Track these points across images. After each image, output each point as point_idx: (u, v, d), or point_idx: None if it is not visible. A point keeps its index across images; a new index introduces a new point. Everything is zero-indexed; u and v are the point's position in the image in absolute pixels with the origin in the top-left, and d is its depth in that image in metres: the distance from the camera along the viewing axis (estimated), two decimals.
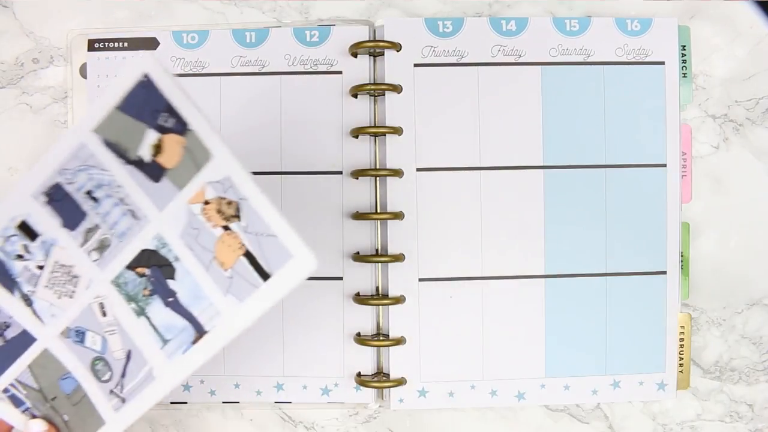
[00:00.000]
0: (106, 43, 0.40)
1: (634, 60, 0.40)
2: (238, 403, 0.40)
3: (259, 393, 0.40)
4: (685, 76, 0.41)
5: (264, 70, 0.40)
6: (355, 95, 0.39)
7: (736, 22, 0.41)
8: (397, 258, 0.39)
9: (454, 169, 0.39)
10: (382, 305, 0.39)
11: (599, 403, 0.41)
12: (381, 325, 0.40)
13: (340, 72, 0.39)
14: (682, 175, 0.41)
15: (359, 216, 0.39)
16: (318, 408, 0.41)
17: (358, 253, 0.39)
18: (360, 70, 0.39)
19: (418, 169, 0.39)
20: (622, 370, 0.40)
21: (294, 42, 0.40)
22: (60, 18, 0.41)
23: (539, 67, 0.40)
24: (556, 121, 0.40)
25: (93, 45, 0.40)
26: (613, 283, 0.40)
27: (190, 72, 0.40)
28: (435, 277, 0.39)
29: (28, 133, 0.41)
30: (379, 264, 0.39)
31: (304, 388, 0.40)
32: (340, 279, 0.39)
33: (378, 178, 0.39)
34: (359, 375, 0.39)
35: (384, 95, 0.39)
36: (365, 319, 0.40)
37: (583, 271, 0.40)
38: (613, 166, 0.40)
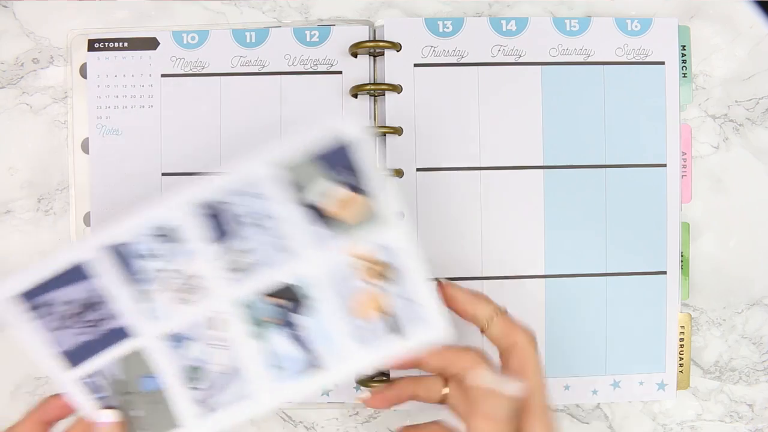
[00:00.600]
0: (106, 43, 0.40)
1: (634, 60, 0.40)
2: None
3: None
4: (685, 76, 0.41)
5: (264, 70, 0.40)
6: (355, 95, 0.39)
7: (736, 22, 0.41)
8: None
9: (454, 169, 0.39)
10: None
11: (599, 403, 0.41)
12: None
13: (340, 72, 0.39)
14: (682, 175, 0.41)
15: None
16: (318, 408, 0.41)
17: None
18: (360, 70, 0.39)
19: (418, 169, 0.39)
20: (622, 370, 0.40)
21: (294, 42, 0.40)
22: (60, 18, 0.41)
23: (539, 67, 0.40)
24: (556, 121, 0.40)
25: (93, 45, 0.40)
26: (613, 283, 0.40)
27: (190, 72, 0.40)
28: (435, 277, 0.39)
29: (28, 133, 0.41)
30: None
31: None
32: None
33: None
34: (359, 375, 0.39)
35: (384, 95, 0.39)
36: None
37: (583, 271, 0.40)
38: (613, 166, 0.40)
